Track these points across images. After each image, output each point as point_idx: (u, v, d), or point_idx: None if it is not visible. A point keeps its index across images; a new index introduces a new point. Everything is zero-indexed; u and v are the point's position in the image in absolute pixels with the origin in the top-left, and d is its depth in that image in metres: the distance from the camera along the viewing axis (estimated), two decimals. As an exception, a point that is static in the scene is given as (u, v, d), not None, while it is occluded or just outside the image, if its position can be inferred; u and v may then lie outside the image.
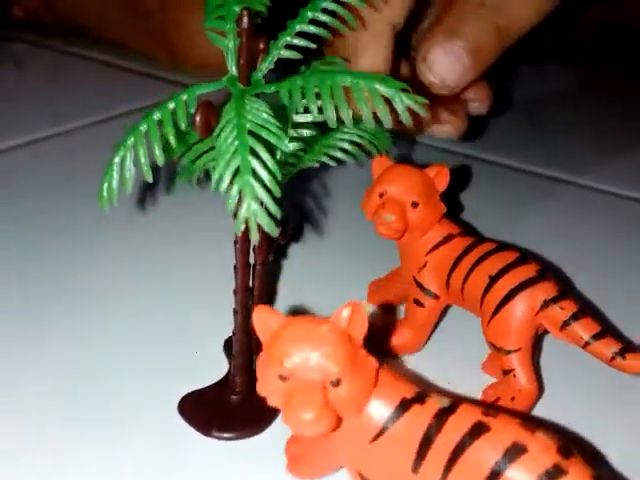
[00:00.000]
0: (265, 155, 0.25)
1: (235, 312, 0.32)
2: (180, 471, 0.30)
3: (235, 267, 0.32)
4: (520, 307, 0.32)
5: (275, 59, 0.29)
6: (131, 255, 0.44)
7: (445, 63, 0.39)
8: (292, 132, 0.30)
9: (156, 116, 0.28)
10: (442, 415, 0.25)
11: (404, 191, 0.34)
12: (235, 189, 0.25)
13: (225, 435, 0.32)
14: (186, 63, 0.65)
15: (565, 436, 0.25)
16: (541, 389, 0.34)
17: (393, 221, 0.34)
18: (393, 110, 0.26)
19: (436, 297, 0.35)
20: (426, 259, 0.35)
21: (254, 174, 0.25)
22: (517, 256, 0.34)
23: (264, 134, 0.26)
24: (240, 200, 0.25)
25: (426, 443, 0.25)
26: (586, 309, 0.33)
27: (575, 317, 0.32)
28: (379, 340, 0.36)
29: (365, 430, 0.26)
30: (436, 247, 0.35)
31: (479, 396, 0.34)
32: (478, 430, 0.25)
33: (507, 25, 0.38)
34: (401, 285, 0.37)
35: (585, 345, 0.32)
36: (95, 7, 0.70)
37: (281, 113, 0.28)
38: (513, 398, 0.33)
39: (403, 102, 0.26)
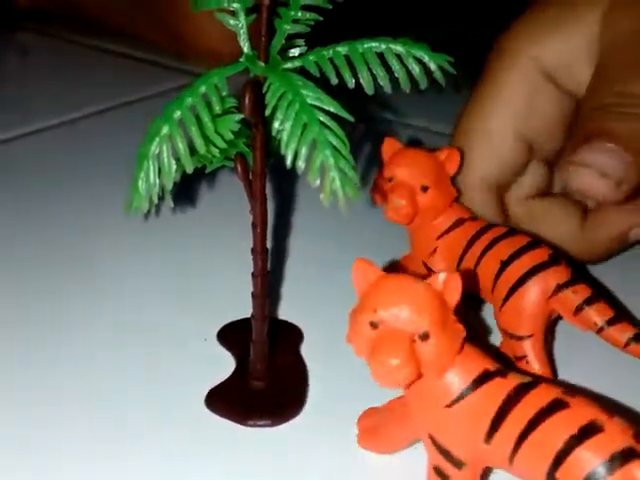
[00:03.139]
0: (333, 124, 0.25)
1: (254, 296, 0.32)
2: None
3: (253, 250, 0.31)
4: (532, 292, 0.32)
5: (286, 35, 0.29)
6: (136, 247, 0.43)
7: (602, 160, 0.33)
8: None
9: (188, 102, 0.26)
10: (521, 389, 0.25)
11: (414, 175, 0.34)
12: (317, 163, 0.25)
13: (261, 422, 0.32)
14: (194, 52, 0.62)
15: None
16: (554, 375, 0.34)
17: (402, 206, 0.33)
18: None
19: None
20: (437, 244, 0.35)
21: (331, 145, 0.25)
22: (529, 240, 0.33)
23: (325, 105, 0.26)
24: (323, 173, 0.25)
25: (502, 415, 0.25)
26: (600, 293, 0.33)
27: (589, 302, 0.32)
28: None
29: (443, 394, 0.26)
30: (447, 232, 0.35)
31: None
32: (556, 406, 0.25)
33: None
34: (413, 271, 0.37)
35: (599, 330, 0.32)
36: None
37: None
38: None
39: (435, 62, 0.27)
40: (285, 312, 0.38)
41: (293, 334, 0.36)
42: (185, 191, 0.46)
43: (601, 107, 0.34)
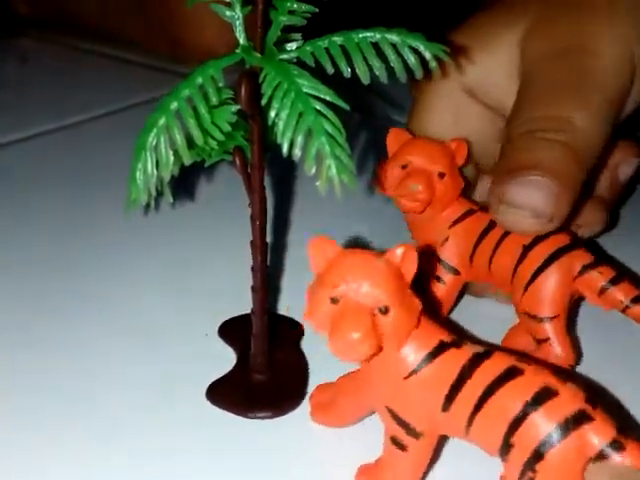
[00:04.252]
0: (329, 113, 0.25)
1: (253, 290, 0.32)
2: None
3: (252, 244, 0.31)
4: (558, 274, 0.32)
5: (282, 26, 0.29)
6: (135, 244, 0.43)
7: (532, 198, 0.32)
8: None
9: (184, 93, 0.27)
10: (477, 359, 0.26)
11: (430, 161, 0.34)
12: (313, 151, 0.25)
13: (261, 415, 0.32)
14: (192, 56, 0.62)
15: (592, 390, 0.26)
16: (578, 356, 0.34)
17: (420, 191, 0.33)
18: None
19: (457, 273, 0.36)
20: (448, 233, 0.35)
21: (327, 133, 0.25)
22: None
23: (321, 94, 0.26)
24: (319, 161, 0.25)
25: (458, 384, 0.26)
26: (623, 274, 0.33)
27: (613, 282, 0.33)
28: None
29: (401, 366, 0.26)
30: (458, 221, 0.35)
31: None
32: (511, 374, 0.25)
33: (578, 144, 0.33)
34: None
35: (625, 309, 0.33)
36: (98, 2, 0.68)
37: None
38: None
39: (431, 51, 0.27)
40: (285, 306, 0.38)
41: (293, 329, 0.36)
42: (184, 185, 0.46)
43: (526, 133, 0.33)
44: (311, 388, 0.33)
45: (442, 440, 0.29)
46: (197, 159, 0.30)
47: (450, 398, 0.26)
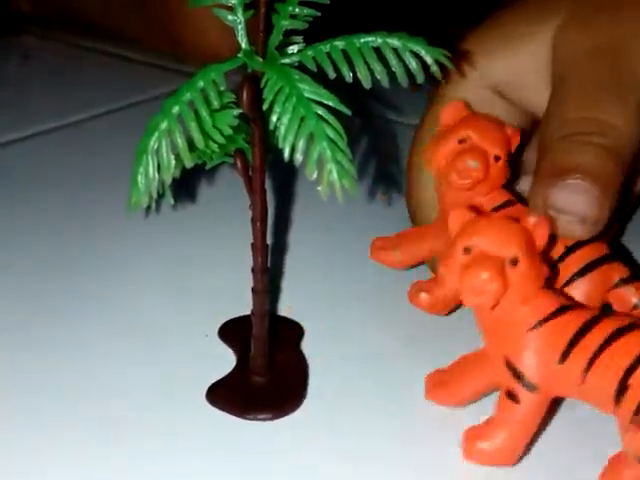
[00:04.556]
0: (330, 118, 0.25)
1: (254, 292, 0.32)
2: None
3: (253, 245, 0.31)
4: (592, 284, 0.32)
5: (284, 30, 0.29)
6: (136, 245, 0.43)
7: (577, 203, 0.31)
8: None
9: (186, 97, 0.27)
10: (597, 317, 0.28)
11: (491, 142, 0.33)
12: (314, 156, 0.25)
13: (261, 416, 0.32)
14: (194, 55, 0.62)
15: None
16: None
17: (476, 169, 0.32)
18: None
19: None
20: None
21: (328, 138, 0.25)
22: None
23: (322, 98, 0.26)
24: (321, 166, 0.25)
25: (577, 337, 0.28)
26: None
27: None
28: None
29: (524, 321, 0.28)
30: (496, 210, 0.34)
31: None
32: (627, 328, 0.27)
33: (616, 147, 0.32)
34: (425, 246, 0.37)
35: None
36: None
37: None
38: None
39: (432, 56, 0.27)
40: (285, 308, 0.38)
41: (294, 330, 0.36)
42: (185, 187, 0.46)
43: (565, 135, 0.33)
44: (311, 389, 0.33)
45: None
46: (198, 162, 0.30)
47: (569, 349, 0.28)
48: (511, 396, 0.28)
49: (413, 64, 0.27)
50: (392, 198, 0.45)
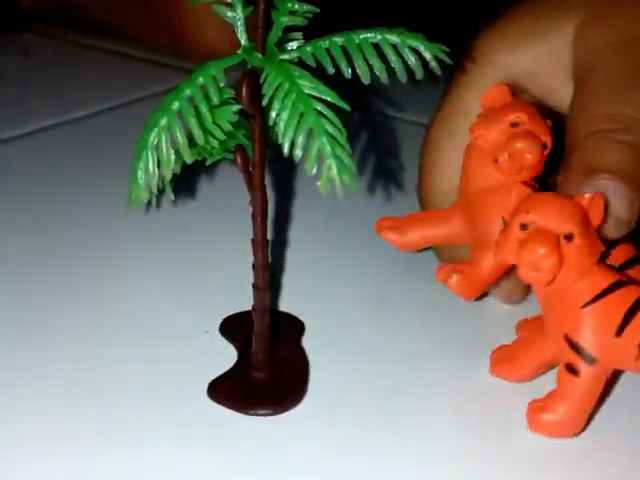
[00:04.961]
0: (330, 113, 0.25)
1: (255, 288, 0.32)
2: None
3: (253, 241, 0.31)
4: None
5: (283, 26, 0.29)
6: (137, 241, 0.43)
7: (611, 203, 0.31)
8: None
9: (186, 93, 0.27)
10: None
11: (542, 128, 0.33)
12: (314, 151, 0.25)
13: (262, 412, 0.32)
14: (195, 51, 0.62)
15: None
16: None
17: (532, 153, 0.33)
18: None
19: None
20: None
21: (328, 133, 0.25)
22: None
23: (322, 94, 0.26)
24: (320, 161, 0.25)
25: (634, 310, 0.29)
26: None
27: None
28: None
29: (579, 297, 0.29)
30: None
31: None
32: None
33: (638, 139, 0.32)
34: (436, 231, 0.37)
35: None
36: None
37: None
38: None
39: (431, 52, 0.28)
40: (286, 303, 0.38)
41: (294, 326, 0.37)
42: (185, 183, 0.47)
43: (592, 132, 0.33)
44: (312, 385, 0.33)
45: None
46: (198, 158, 0.30)
47: (623, 326, 0.29)
48: (571, 369, 0.29)
49: (412, 60, 0.27)
50: (391, 193, 0.45)
